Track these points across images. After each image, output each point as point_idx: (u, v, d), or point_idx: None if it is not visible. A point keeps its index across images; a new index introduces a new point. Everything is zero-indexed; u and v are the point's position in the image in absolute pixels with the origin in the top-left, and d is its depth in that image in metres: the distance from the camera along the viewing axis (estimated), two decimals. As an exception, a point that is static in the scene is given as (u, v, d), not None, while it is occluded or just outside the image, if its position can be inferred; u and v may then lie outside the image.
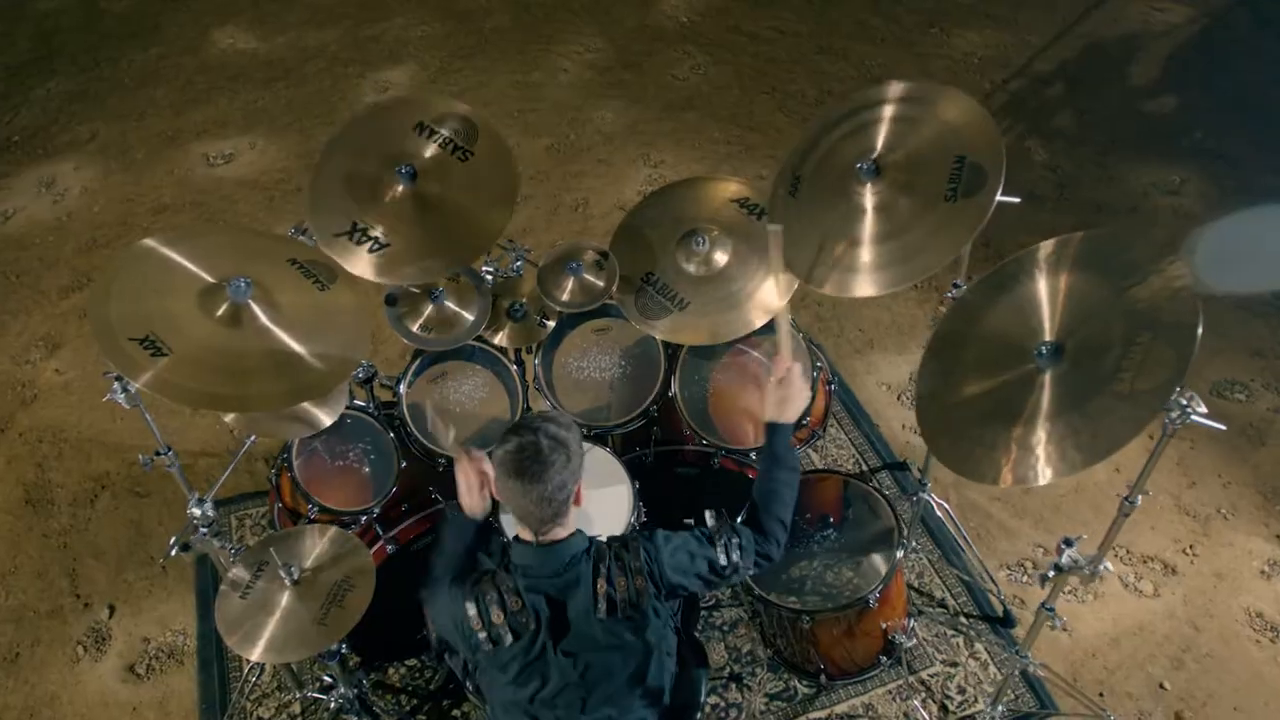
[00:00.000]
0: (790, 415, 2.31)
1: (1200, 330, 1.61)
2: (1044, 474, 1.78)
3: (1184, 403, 1.85)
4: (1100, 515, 3.60)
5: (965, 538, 3.38)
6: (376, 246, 2.47)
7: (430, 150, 2.58)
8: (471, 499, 2.27)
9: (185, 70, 6.15)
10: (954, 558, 3.49)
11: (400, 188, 2.52)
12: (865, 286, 2.38)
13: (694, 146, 5.39)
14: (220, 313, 2.11)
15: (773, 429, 2.32)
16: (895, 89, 2.40)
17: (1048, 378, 1.83)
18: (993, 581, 3.35)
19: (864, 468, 3.80)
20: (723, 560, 2.16)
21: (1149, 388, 1.64)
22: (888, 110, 2.35)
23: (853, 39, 6.18)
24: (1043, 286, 1.92)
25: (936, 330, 2.09)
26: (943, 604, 3.37)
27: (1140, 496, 2.19)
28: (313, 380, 2.13)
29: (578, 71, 6.02)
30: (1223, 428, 1.93)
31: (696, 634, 3.17)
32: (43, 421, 4.05)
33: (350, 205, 2.49)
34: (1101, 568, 2.38)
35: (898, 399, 4.07)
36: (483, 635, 2.05)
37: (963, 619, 3.32)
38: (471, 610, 2.05)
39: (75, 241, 4.92)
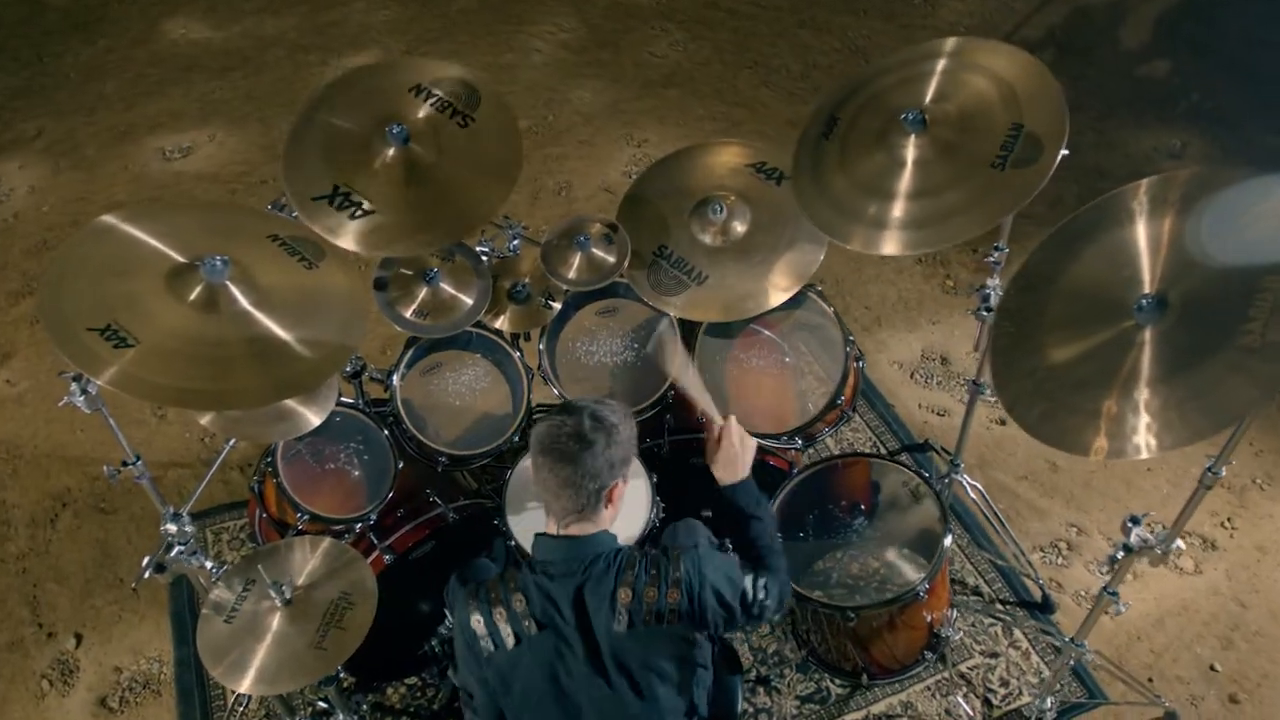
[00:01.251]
0: (740, 472, 2.14)
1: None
2: (1147, 445, 1.57)
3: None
4: (1133, 491, 3.43)
5: (1001, 519, 3.17)
6: (359, 214, 2.20)
7: (426, 113, 2.32)
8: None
9: (135, 63, 5.81)
10: (985, 541, 3.30)
11: (391, 151, 2.25)
12: (892, 244, 2.18)
13: (678, 124, 5.17)
14: (194, 296, 1.83)
15: (730, 491, 2.13)
16: (958, 43, 2.21)
17: (1148, 335, 1.62)
18: (1030, 565, 3.16)
19: (882, 450, 3.60)
20: (750, 595, 1.97)
21: (1287, 337, 1.44)
22: (944, 63, 2.14)
23: (835, 11, 5.98)
24: (1140, 232, 1.70)
25: (1006, 289, 1.88)
26: (977, 591, 3.18)
27: (1225, 467, 2.00)
28: (302, 372, 1.86)
29: (551, 52, 5.77)
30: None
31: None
32: (-6, 436, 3.74)
33: (333, 168, 2.23)
34: (1174, 546, 2.20)
35: (911, 377, 3.87)
36: (485, 641, 1.87)
37: (999, 606, 3.13)
38: (476, 616, 1.87)
39: (23, 244, 4.58)
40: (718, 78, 5.49)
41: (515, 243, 2.71)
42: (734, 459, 2.13)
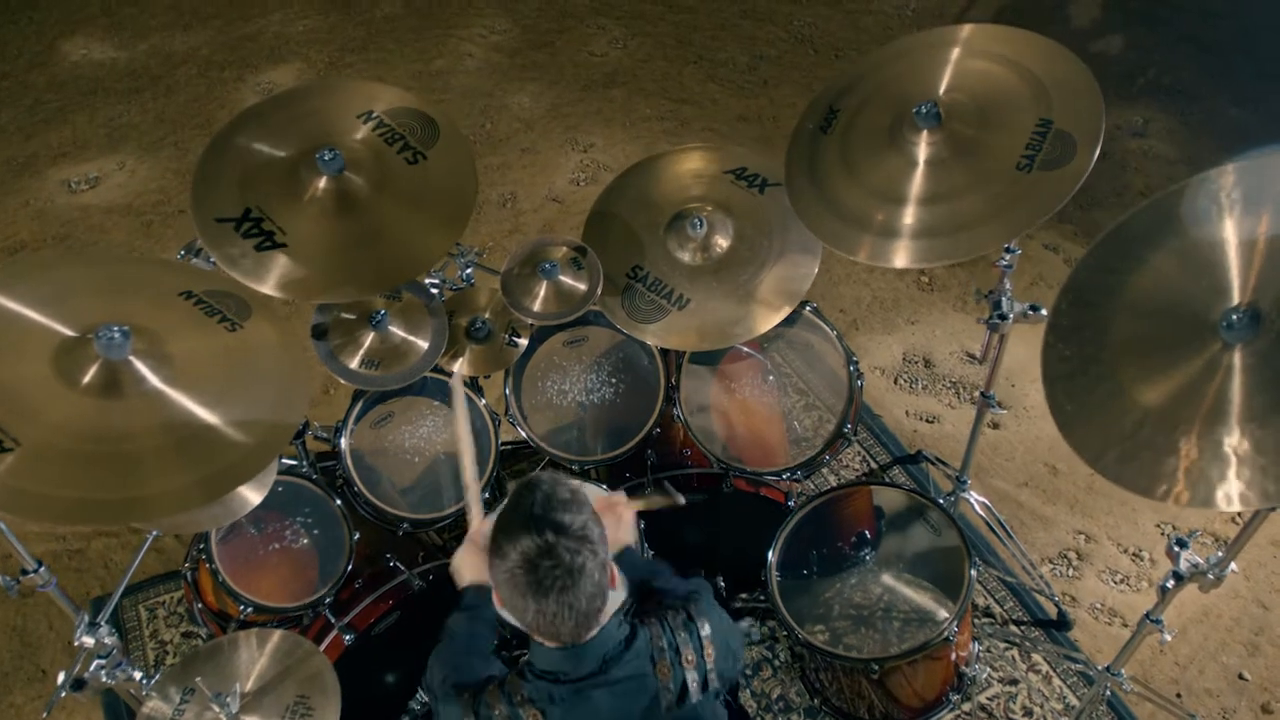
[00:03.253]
0: (621, 539, 1.78)
1: None
2: (1237, 497, 1.33)
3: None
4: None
5: (1010, 533, 2.96)
6: (268, 245, 1.88)
7: (370, 142, 2.00)
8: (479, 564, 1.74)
9: (33, 88, 5.35)
10: (992, 557, 3.09)
11: (322, 182, 1.93)
12: (903, 256, 1.94)
13: (625, 125, 4.89)
14: (88, 379, 1.49)
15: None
16: (974, 30, 1.98)
17: (1238, 357, 1.38)
18: (1042, 579, 2.96)
19: (873, 465, 3.38)
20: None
21: None
22: (959, 51, 1.89)
23: (776, 0, 5.77)
24: (1228, 232, 1.45)
25: (1055, 304, 1.63)
26: (988, 612, 2.97)
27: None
28: (234, 460, 1.51)
29: (484, 55, 5.45)
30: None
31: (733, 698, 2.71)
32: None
33: (249, 191, 1.91)
34: (1228, 572, 2.00)
35: (895, 383, 3.66)
36: None
37: (1014, 627, 2.92)
38: None
39: (-87, 295, 4.14)
40: (662, 75, 5.23)
41: (469, 271, 2.42)
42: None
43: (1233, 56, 5.16)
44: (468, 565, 1.79)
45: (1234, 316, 1.38)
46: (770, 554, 2.39)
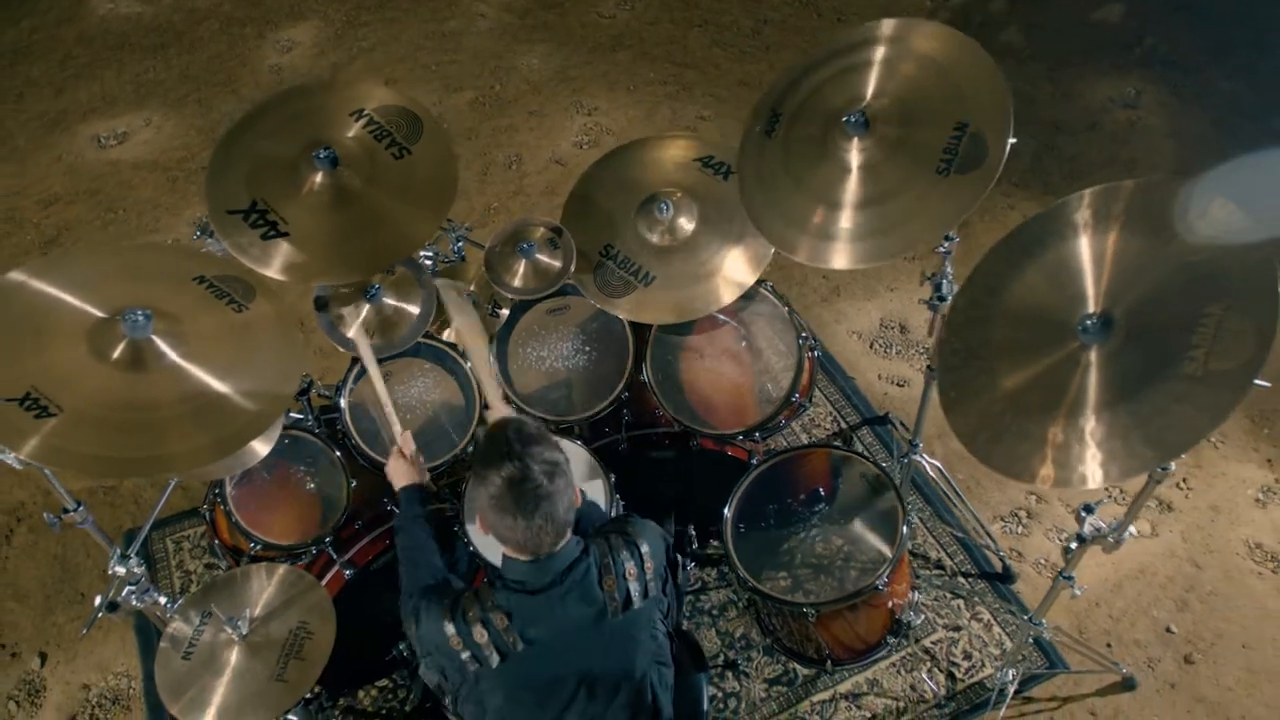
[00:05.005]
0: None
1: None
2: (1095, 475, 1.55)
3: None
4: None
5: (959, 494, 3.20)
6: (272, 234, 2.14)
7: (361, 140, 2.24)
8: (408, 475, 2.27)
9: (63, 42, 5.58)
10: (946, 514, 3.33)
11: (319, 177, 2.17)
12: (841, 258, 2.13)
13: (629, 90, 5.05)
14: (117, 354, 1.75)
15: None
16: (894, 27, 2.10)
17: (1094, 356, 1.60)
18: (989, 536, 3.20)
19: (843, 425, 3.61)
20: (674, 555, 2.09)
21: (1229, 366, 1.42)
22: (882, 51, 2.05)
23: (785, -38, 5.84)
24: (1084, 247, 1.66)
25: (953, 305, 1.84)
26: (939, 565, 3.21)
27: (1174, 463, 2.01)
28: (243, 424, 1.79)
29: (496, 16, 5.60)
30: (1268, 385, 1.74)
31: (686, 629, 2.98)
32: (-59, 453, 3.64)
33: (255, 184, 2.17)
34: (1127, 535, 2.22)
35: (870, 348, 3.87)
36: (466, 655, 1.87)
37: (961, 579, 3.17)
38: (450, 630, 1.86)
39: (-43, 245, 4.43)
40: (668, 38, 5.36)
41: (459, 245, 2.65)
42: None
43: (1232, 26, 5.20)
44: (398, 472, 2.26)
45: (1089, 322, 1.60)
46: (726, 509, 2.64)
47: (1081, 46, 5.17)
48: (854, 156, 2.04)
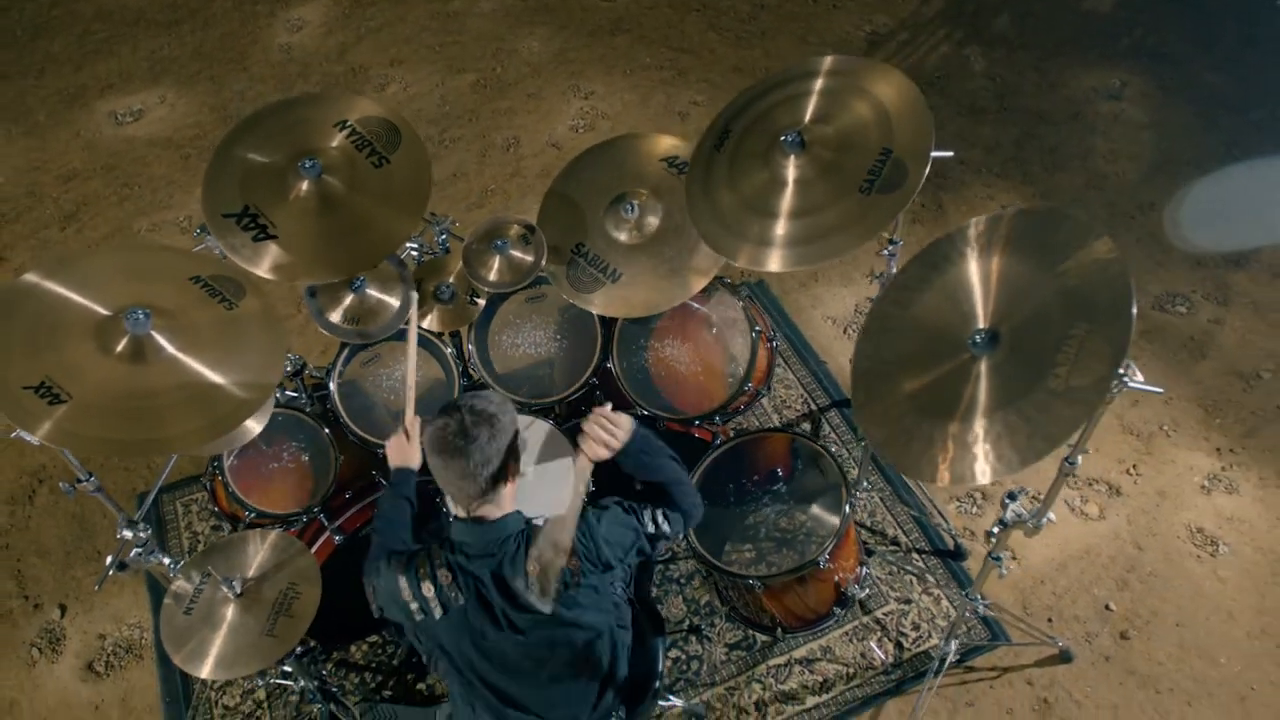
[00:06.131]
0: (621, 439, 2.21)
1: (1134, 319, 1.57)
2: (982, 473, 1.75)
3: (1120, 372, 1.83)
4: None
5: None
6: (262, 236, 2.35)
7: (344, 149, 2.45)
8: (406, 457, 2.38)
9: (81, 18, 5.77)
10: (905, 495, 3.52)
11: (305, 184, 2.37)
12: (776, 262, 2.32)
13: (626, 74, 5.19)
14: (120, 348, 1.98)
15: (623, 461, 2.26)
16: (836, 63, 2.28)
17: (983, 368, 1.78)
18: (942, 516, 3.40)
19: (813, 407, 3.80)
20: (650, 528, 2.20)
21: (1085, 384, 1.60)
22: (826, 83, 2.23)
23: (784, -53, 5.93)
24: (974, 268, 1.85)
25: (871, 310, 2.03)
26: (895, 542, 3.42)
27: (1080, 456, 2.20)
28: (233, 408, 2.01)
29: (499, -3, 5.73)
30: (1160, 391, 1.93)
31: (653, 597, 3.20)
32: (-32, 417, 3.90)
33: (248, 190, 2.37)
34: (1045, 521, 2.41)
35: (844, 333, 4.04)
36: (414, 606, 2.08)
37: (915, 556, 3.37)
38: (402, 582, 2.08)
39: (-19, 218, 4.67)
40: (665, 22, 5.48)
41: (443, 238, 2.84)
42: (604, 439, 2.23)
43: (1221, 18, 5.27)
44: (395, 451, 2.41)
45: (978, 336, 1.78)
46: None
47: (1072, 35, 5.26)
48: (790, 172, 2.22)
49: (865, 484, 3.51)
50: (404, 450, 2.43)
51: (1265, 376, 3.78)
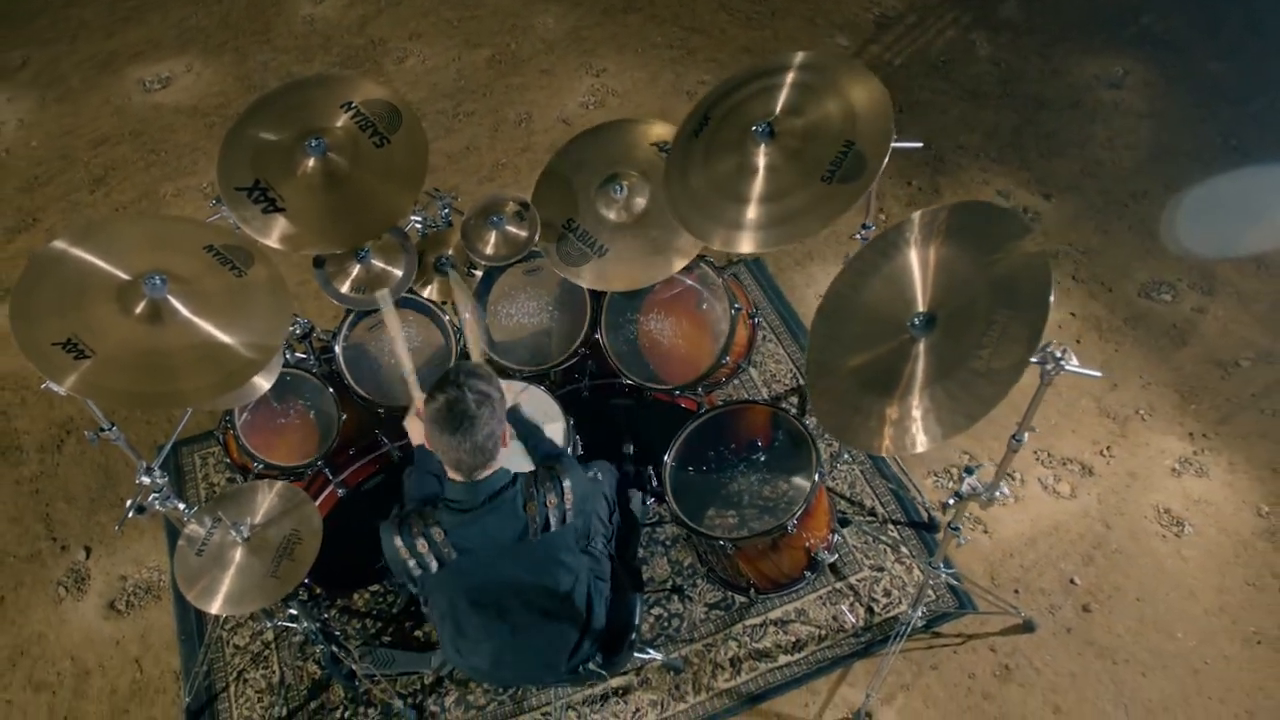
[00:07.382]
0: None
1: (1051, 305, 1.71)
2: (920, 442, 1.91)
3: (1058, 355, 1.98)
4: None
5: (892, 451, 3.54)
6: (271, 209, 2.53)
7: (349, 129, 2.62)
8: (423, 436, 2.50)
9: (113, -16, 5.94)
10: (884, 468, 3.68)
11: (311, 161, 2.55)
12: (747, 244, 2.47)
13: (636, 52, 5.31)
14: (139, 310, 2.17)
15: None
16: (807, 58, 2.41)
17: (921, 348, 1.93)
18: (918, 490, 3.55)
19: (802, 382, 3.95)
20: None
21: (1004, 365, 1.75)
22: (798, 76, 2.37)
23: (797, -72, 5.99)
24: (916, 256, 2.00)
25: (827, 293, 2.18)
26: (873, 512, 3.57)
27: (1027, 434, 2.34)
28: (240, 366, 2.20)
29: (518, -28, 5.84)
30: (1098, 374, 2.07)
31: (639, 558, 3.39)
32: (2, 369, 4.13)
33: (259, 166, 2.54)
34: (998, 495, 2.56)
35: (836, 311, 4.18)
36: (411, 563, 2.27)
37: (891, 526, 3.53)
38: (398, 542, 2.26)
39: (17, 180, 4.88)
40: (677, 1, 5.58)
41: (445, 212, 3.01)
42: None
43: (1227, 6, 5.30)
44: (413, 430, 2.57)
45: (917, 319, 1.94)
46: (667, 455, 3.02)
47: (1079, 21, 5.31)
48: (761, 159, 2.37)
49: (846, 457, 3.67)
50: (418, 428, 2.54)
51: (1244, 365, 3.89)
